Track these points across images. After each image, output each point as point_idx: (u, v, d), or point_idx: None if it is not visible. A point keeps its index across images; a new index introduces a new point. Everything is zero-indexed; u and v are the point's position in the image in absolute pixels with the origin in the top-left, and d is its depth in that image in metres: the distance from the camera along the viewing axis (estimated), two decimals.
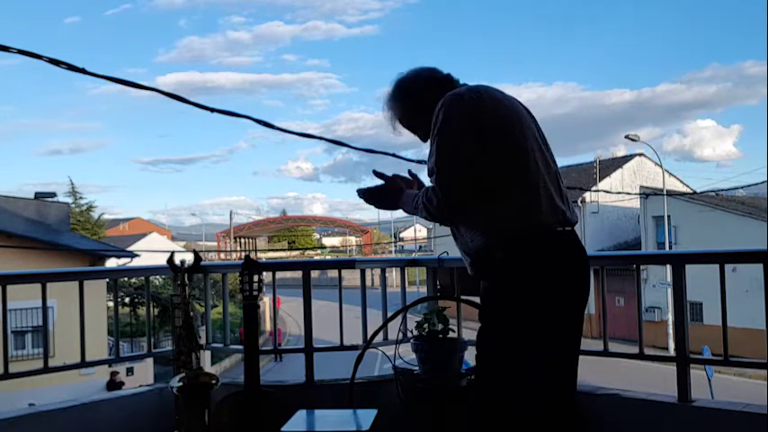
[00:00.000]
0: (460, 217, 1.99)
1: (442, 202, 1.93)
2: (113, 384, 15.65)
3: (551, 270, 1.90)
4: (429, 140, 2.02)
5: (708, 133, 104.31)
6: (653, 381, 6.85)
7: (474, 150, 1.89)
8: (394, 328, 3.15)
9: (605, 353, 2.94)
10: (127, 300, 25.52)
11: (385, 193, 2.25)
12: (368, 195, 2.25)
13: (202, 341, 3.25)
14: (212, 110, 4.22)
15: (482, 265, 1.98)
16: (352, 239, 63.67)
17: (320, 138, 5.55)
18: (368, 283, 3.52)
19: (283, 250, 55.87)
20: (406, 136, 2.25)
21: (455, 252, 2.25)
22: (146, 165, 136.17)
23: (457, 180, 1.90)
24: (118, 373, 16.38)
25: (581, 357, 2.05)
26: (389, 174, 2.33)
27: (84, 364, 3.23)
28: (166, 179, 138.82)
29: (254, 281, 2.94)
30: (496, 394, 1.89)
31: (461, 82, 2.14)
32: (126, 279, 20.31)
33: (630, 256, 3.97)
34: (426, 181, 2.13)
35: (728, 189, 24.09)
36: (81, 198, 30.28)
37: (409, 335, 3.08)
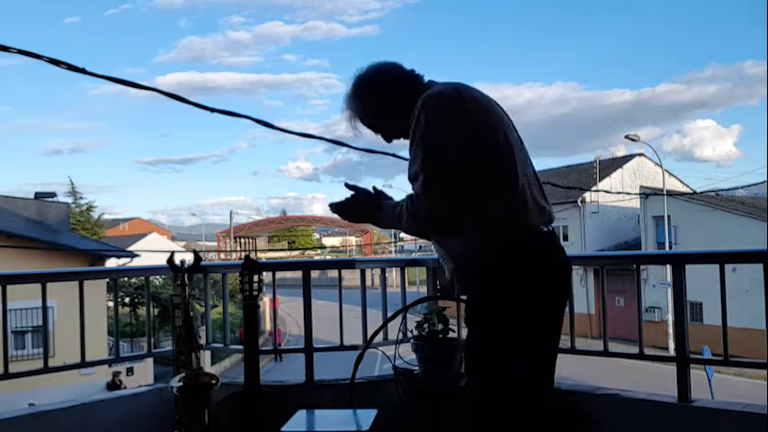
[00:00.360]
0: (449, 221, 1.88)
1: (431, 205, 1.83)
2: (114, 384, 15.67)
3: (542, 270, 1.88)
4: (409, 145, 1.93)
5: (708, 133, 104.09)
6: (653, 381, 6.84)
7: (460, 152, 1.82)
8: (394, 328, 3.15)
9: (605, 353, 2.92)
10: (127, 300, 25.55)
11: (359, 205, 2.12)
12: (340, 208, 2.12)
13: (202, 341, 3.25)
14: (212, 110, 4.22)
15: (472, 269, 1.91)
16: (352, 239, 63.68)
17: (320, 138, 5.53)
18: (368, 283, 3.52)
19: (283, 250, 55.84)
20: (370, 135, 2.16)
21: None
22: (146, 165, 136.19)
23: (445, 182, 1.82)
24: (120, 373, 16.39)
25: (581, 357, 2.05)
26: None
27: (84, 364, 3.23)
28: (166, 179, 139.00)
29: (254, 281, 2.94)
30: (495, 396, 1.87)
31: (458, 81, 2.03)
32: (126, 279, 20.31)
33: (630, 256, 3.97)
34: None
35: (728, 189, 24.07)
36: (81, 198, 30.43)
37: (409, 335, 3.08)
